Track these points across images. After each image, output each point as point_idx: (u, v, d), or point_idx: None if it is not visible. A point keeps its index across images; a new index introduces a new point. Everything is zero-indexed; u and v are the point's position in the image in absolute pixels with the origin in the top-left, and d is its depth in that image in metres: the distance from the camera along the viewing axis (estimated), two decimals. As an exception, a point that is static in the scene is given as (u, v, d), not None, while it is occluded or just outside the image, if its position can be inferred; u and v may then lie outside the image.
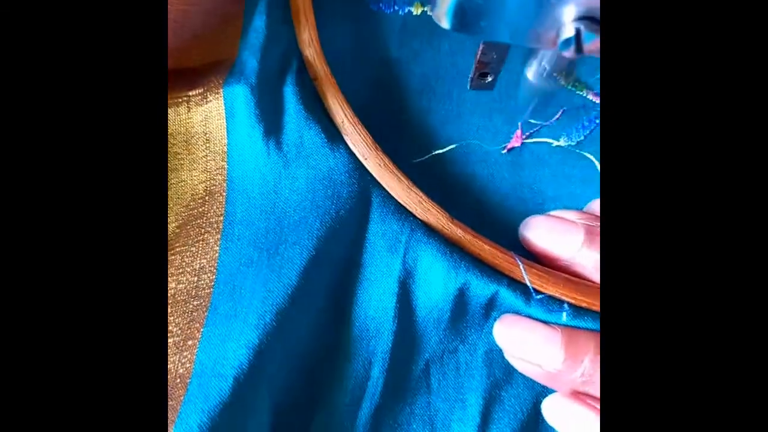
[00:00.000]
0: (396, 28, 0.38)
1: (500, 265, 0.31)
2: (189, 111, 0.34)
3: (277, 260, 0.30)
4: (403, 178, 0.32)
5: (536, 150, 0.36)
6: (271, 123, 0.32)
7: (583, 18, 0.24)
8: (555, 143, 0.36)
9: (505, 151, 0.36)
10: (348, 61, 0.37)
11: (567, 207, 0.35)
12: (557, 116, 0.37)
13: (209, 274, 0.32)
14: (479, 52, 0.31)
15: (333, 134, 0.33)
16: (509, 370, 0.32)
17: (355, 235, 0.31)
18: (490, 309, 0.31)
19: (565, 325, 0.30)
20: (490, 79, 0.32)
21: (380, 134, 0.35)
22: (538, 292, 0.31)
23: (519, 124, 0.36)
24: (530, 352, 0.30)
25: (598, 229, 0.31)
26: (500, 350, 0.32)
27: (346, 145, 0.33)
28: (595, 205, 0.34)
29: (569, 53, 0.24)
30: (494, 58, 0.31)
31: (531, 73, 0.32)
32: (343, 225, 0.31)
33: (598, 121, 0.37)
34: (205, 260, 0.32)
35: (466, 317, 0.32)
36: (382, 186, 0.32)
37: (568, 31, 0.24)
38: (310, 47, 0.35)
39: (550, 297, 0.31)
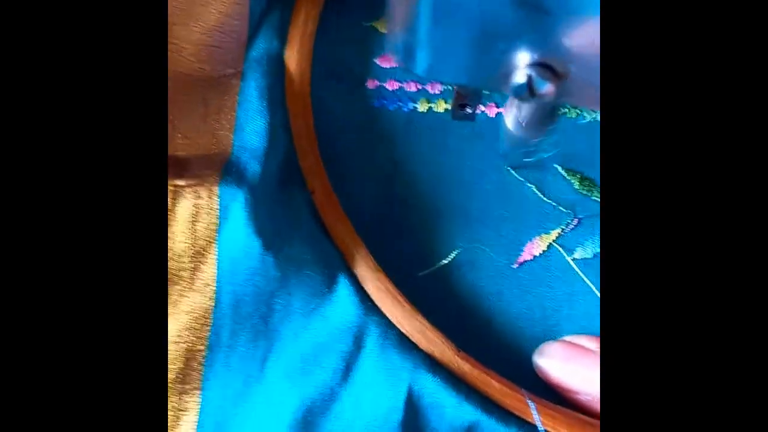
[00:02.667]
0: (400, 126, 0.36)
1: (511, 405, 0.29)
2: (175, 204, 0.31)
3: (264, 393, 0.28)
4: (405, 304, 0.30)
5: (550, 264, 0.34)
6: (271, 237, 0.30)
7: (537, 64, 0.23)
8: (570, 257, 0.34)
9: (516, 265, 0.34)
10: (349, 165, 0.35)
11: (584, 328, 0.33)
12: (572, 225, 0.34)
13: (193, 397, 0.30)
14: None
15: (333, 254, 0.31)
16: None
17: (348, 369, 0.29)
18: None
19: (583, 476, 0.28)
20: (469, 111, 0.30)
21: (383, 246, 0.33)
22: (550, 438, 0.28)
23: (535, 239, 0.34)
24: None
25: None
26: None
27: (345, 265, 0.31)
28: None
29: (522, 97, 0.24)
30: (470, 91, 0.29)
31: (509, 120, 0.30)
32: (337, 359, 0.29)
33: (616, 231, 0.34)
34: (189, 385, 0.30)
35: None
36: (383, 313, 0.30)
37: (520, 77, 0.23)
38: (307, 158, 0.33)
39: (564, 444, 0.28)
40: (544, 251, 0.34)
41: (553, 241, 0.34)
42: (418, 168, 0.35)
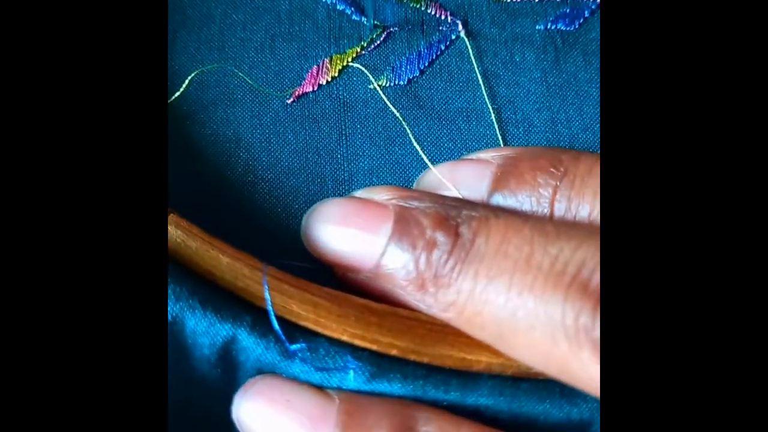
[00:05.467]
0: None
1: (247, 290, 0.18)
2: None
3: None
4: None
5: (343, 95, 0.23)
6: None
7: None
8: (373, 84, 0.23)
9: (291, 99, 0.23)
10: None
11: (387, 183, 0.22)
12: (379, 42, 0.23)
13: None
14: None
15: None
16: None
17: None
18: (230, 368, 0.18)
19: (355, 391, 0.17)
20: None
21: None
22: (305, 334, 0.17)
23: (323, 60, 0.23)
24: None
25: (420, 213, 0.18)
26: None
27: None
28: (427, 179, 0.21)
29: None
30: None
31: None
32: None
33: (442, 46, 0.23)
34: None
35: (193, 374, 0.18)
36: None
37: None
38: None
39: (331, 342, 0.17)
40: (334, 78, 0.23)
41: (349, 62, 0.23)
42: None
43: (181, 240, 0.18)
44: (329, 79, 0.23)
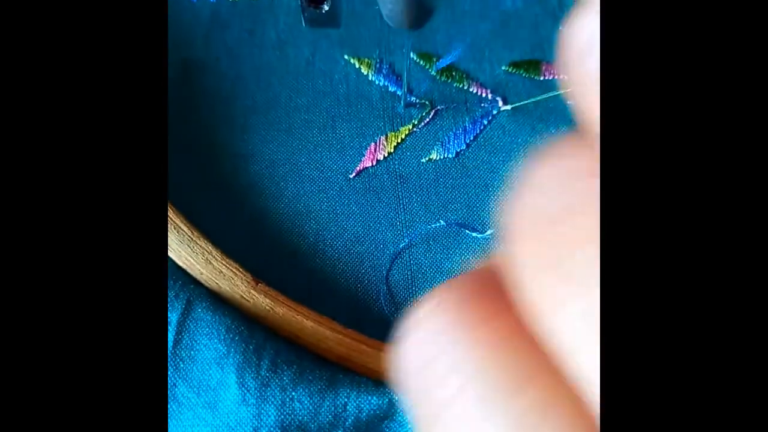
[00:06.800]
0: (203, 21, 0.28)
1: (330, 351, 0.20)
2: None
3: None
4: (182, 226, 0.21)
5: (398, 168, 0.25)
6: None
7: None
8: (425, 158, 0.25)
9: (353, 174, 0.25)
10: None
11: (446, 254, 0.24)
12: (428, 119, 0.26)
13: None
14: None
15: None
16: None
17: None
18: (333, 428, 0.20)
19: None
20: (326, 7, 0.21)
21: (179, 159, 0.24)
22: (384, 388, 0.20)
23: (379, 138, 0.26)
24: None
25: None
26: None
27: None
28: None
29: None
30: None
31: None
32: None
33: (485, 121, 0.26)
34: None
35: None
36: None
37: None
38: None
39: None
40: (390, 153, 0.25)
41: (403, 139, 0.26)
42: (223, 66, 0.27)
43: (270, 307, 0.20)
44: (386, 155, 0.25)
